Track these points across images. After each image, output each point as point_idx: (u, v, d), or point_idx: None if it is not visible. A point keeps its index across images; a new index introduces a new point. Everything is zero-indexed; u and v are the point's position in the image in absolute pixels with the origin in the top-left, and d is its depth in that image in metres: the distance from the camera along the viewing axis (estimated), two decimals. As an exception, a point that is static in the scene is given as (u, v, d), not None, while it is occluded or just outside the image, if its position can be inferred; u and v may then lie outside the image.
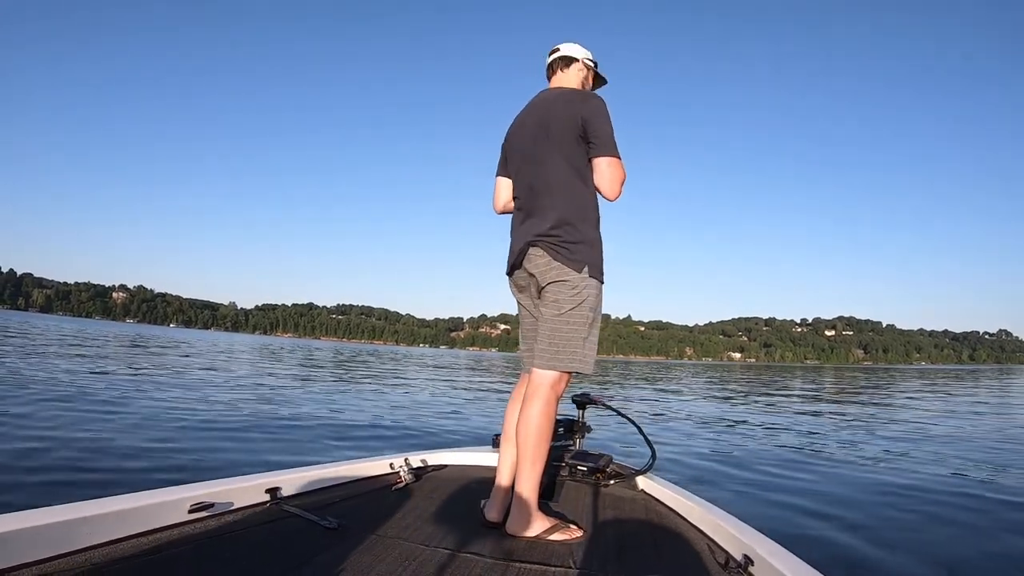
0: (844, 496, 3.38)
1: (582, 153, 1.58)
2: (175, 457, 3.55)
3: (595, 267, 1.56)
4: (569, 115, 1.57)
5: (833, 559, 2.29)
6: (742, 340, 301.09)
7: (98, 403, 5.37)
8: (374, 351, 56.13)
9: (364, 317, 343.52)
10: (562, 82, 1.74)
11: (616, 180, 1.56)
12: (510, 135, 1.76)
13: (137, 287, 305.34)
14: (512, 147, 1.74)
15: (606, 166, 1.55)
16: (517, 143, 1.71)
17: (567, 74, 1.74)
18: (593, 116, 1.55)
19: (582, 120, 1.55)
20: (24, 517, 1.08)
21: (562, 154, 1.57)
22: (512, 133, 1.75)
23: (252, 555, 1.22)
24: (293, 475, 1.69)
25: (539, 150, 1.61)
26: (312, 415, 5.91)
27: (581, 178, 1.58)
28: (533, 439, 1.47)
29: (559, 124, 1.58)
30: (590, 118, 1.55)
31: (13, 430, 3.86)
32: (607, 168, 1.55)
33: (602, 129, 1.55)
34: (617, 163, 1.55)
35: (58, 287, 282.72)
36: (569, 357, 1.52)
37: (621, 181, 1.57)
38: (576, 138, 1.56)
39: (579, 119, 1.55)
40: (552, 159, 1.59)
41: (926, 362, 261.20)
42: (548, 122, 1.60)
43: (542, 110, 1.65)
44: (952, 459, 4.79)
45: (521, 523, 1.46)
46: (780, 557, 1.22)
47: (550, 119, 1.60)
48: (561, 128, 1.57)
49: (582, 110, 1.56)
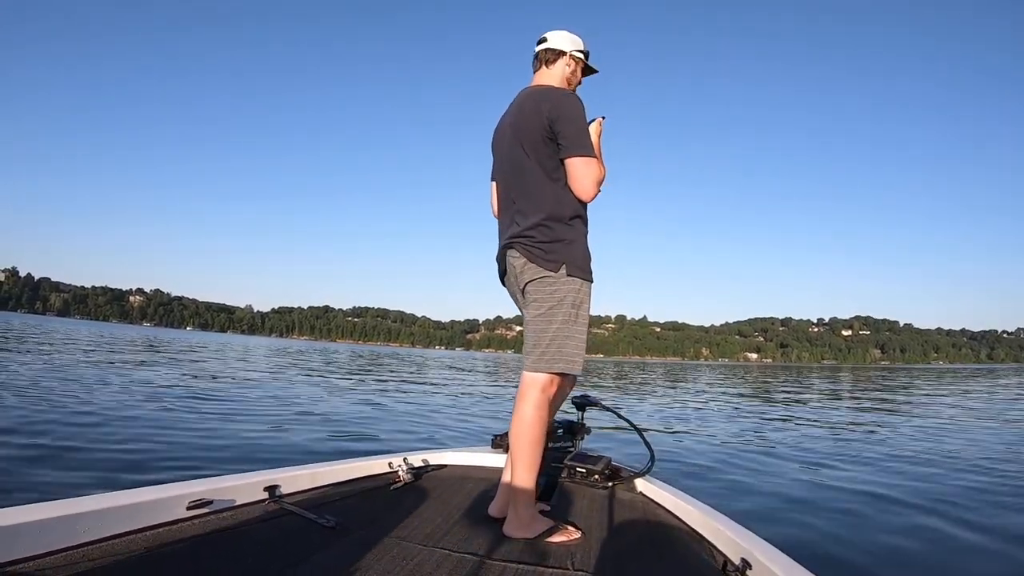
0: (844, 501, 3.32)
1: (552, 153, 1.55)
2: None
3: (574, 265, 1.54)
4: (536, 115, 1.55)
5: (831, 564, 2.27)
6: (758, 340, 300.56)
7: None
8: (395, 354, 56.17)
9: (380, 319, 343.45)
10: (542, 79, 1.71)
11: (588, 179, 1.53)
12: (493, 138, 1.76)
13: (154, 291, 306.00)
14: (494, 150, 1.74)
15: (575, 166, 1.53)
16: (497, 146, 1.72)
17: (551, 70, 1.70)
18: (560, 116, 1.52)
19: (548, 120, 1.53)
20: (22, 512, 1.07)
21: (533, 156, 1.56)
22: (494, 136, 1.75)
23: (250, 553, 1.21)
24: (292, 473, 1.68)
25: (513, 153, 1.61)
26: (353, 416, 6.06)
27: (553, 179, 1.56)
28: (524, 441, 1.47)
29: (527, 125, 1.57)
30: (556, 118, 1.52)
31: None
32: (576, 168, 1.53)
33: (569, 128, 1.52)
34: (587, 162, 1.53)
35: (75, 291, 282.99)
36: (553, 357, 1.50)
37: (595, 180, 1.55)
38: (543, 139, 1.54)
39: (545, 119, 1.53)
40: (523, 161, 1.58)
41: (944, 362, 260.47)
42: (519, 123, 1.60)
43: (515, 111, 1.65)
44: (967, 463, 4.60)
45: (518, 525, 1.45)
46: (778, 562, 1.22)
47: (520, 120, 1.59)
48: (529, 129, 1.56)
49: (548, 110, 1.53)
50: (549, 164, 1.56)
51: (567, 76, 1.70)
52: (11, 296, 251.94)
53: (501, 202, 1.71)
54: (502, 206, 1.70)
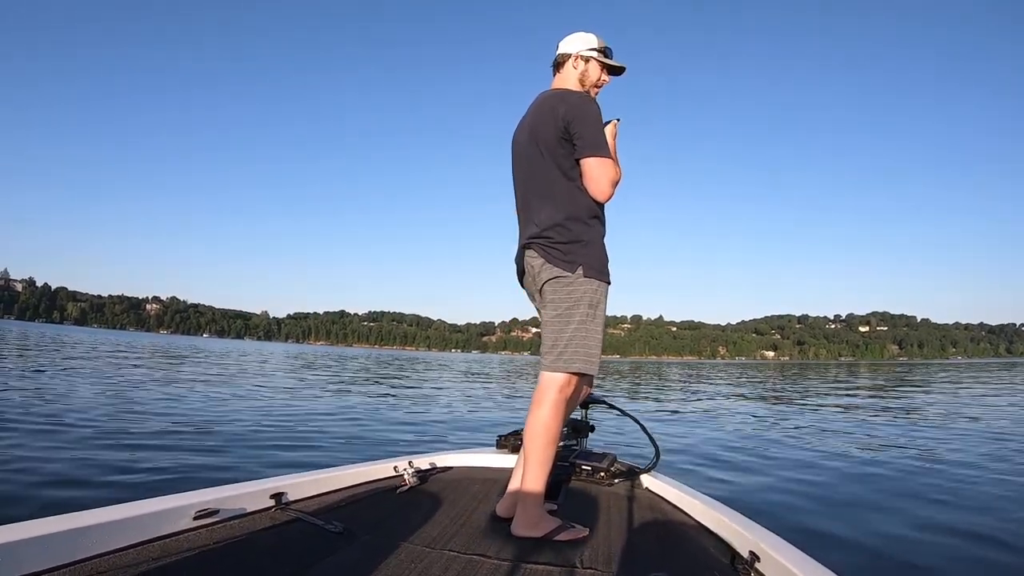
0: (854, 493, 3.32)
1: (569, 154, 1.57)
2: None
3: (591, 266, 1.55)
4: (552, 117, 1.57)
5: (840, 555, 2.26)
6: (775, 338, 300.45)
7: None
8: (415, 358, 56.79)
9: (396, 323, 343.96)
10: (557, 83, 1.74)
11: (603, 180, 1.54)
12: (513, 141, 1.77)
13: (170, 298, 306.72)
14: (513, 153, 1.76)
15: (591, 166, 1.54)
16: (516, 148, 1.74)
17: (563, 74, 1.73)
18: (575, 117, 1.54)
19: (563, 121, 1.54)
20: (29, 527, 1.07)
21: (549, 157, 1.58)
22: (513, 139, 1.77)
23: (258, 561, 1.22)
24: (297, 479, 1.69)
25: (530, 154, 1.64)
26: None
27: (570, 179, 1.58)
28: (539, 442, 1.48)
29: (543, 127, 1.59)
30: (571, 119, 1.54)
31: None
32: (592, 168, 1.54)
33: (584, 129, 1.53)
34: (603, 162, 1.54)
35: (92, 300, 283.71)
36: (571, 357, 1.51)
37: (611, 180, 1.55)
38: (559, 140, 1.56)
39: (560, 120, 1.55)
40: (540, 163, 1.60)
41: (962, 356, 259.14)
42: (536, 126, 1.62)
43: (533, 113, 1.67)
44: (982, 456, 4.59)
45: (527, 524, 1.46)
46: (786, 553, 1.22)
47: (537, 123, 1.62)
48: (545, 131, 1.58)
49: (563, 112, 1.55)
50: (565, 165, 1.57)
51: (579, 77, 1.70)
52: (28, 306, 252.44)
53: (519, 203, 1.73)
54: (520, 207, 1.72)
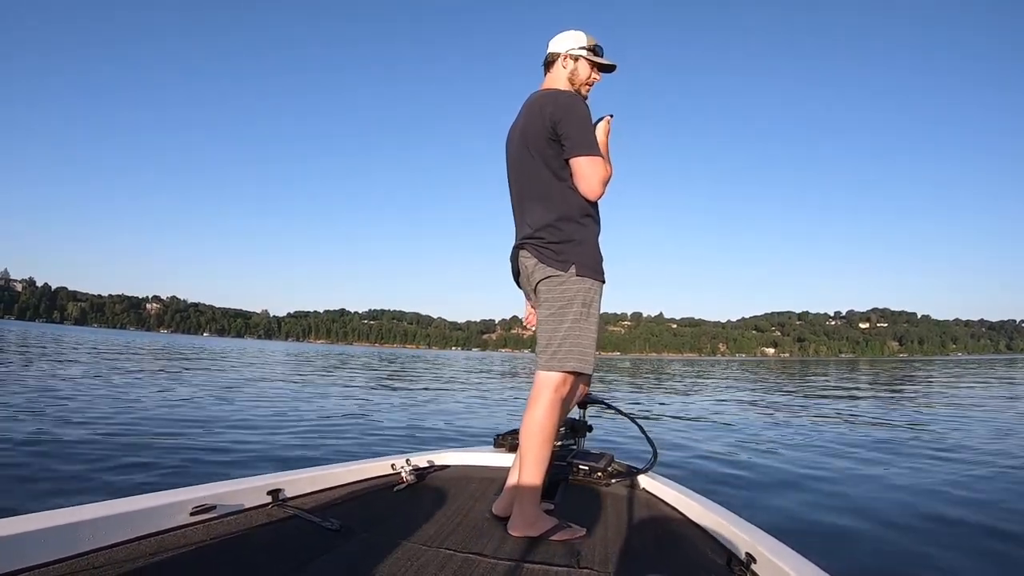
0: (853, 494, 3.30)
1: (558, 154, 1.57)
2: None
3: (584, 265, 1.55)
4: (540, 117, 1.58)
5: (836, 557, 2.24)
6: (775, 335, 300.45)
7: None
8: (415, 356, 56.41)
9: (396, 322, 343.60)
10: (548, 82, 1.73)
11: (593, 178, 1.54)
12: (506, 142, 1.78)
13: (170, 298, 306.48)
14: (507, 154, 1.77)
15: (580, 166, 1.54)
16: (509, 150, 1.75)
17: (553, 73, 1.72)
18: (562, 117, 1.54)
19: (551, 122, 1.55)
20: (25, 521, 1.08)
21: (539, 157, 1.59)
22: (507, 140, 1.78)
23: (254, 557, 1.22)
24: (295, 476, 1.69)
25: (521, 155, 1.65)
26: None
27: (561, 179, 1.58)
28: (535, 441, 1.48)
29: (532, 128, 1.60)
30: (559, 119, 1.54)
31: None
32: (581, 167, 1.54)
33: (571, 129, 1.54)
34: (592, 161, 1.54)
35: (92, 299, 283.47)
36: (565, 356, 1.52)
37: (601, 179, 1.55)
38: (548, 140, 1.57)
39: (548, 121, 1.56)
40: (531, 164, 1.61)
41: (963, 352, 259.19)
42: (526, 126, 1.63)
43: (524, 114, 1.68)
44: (983, 456, 4.50)
45: (523, 523, 1.46)
46: (783, 555, 1.22)
47: (527, 123, 1.63)
48: (535, 131, 1.59)
49: (551, 112, 1.56)
50: (556, 165, 1.58)
51: (569, 76, 1.70)
52: (29, 306, 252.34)
53: (514, 204, 1.73)
54: (515, 208, 1.73)
